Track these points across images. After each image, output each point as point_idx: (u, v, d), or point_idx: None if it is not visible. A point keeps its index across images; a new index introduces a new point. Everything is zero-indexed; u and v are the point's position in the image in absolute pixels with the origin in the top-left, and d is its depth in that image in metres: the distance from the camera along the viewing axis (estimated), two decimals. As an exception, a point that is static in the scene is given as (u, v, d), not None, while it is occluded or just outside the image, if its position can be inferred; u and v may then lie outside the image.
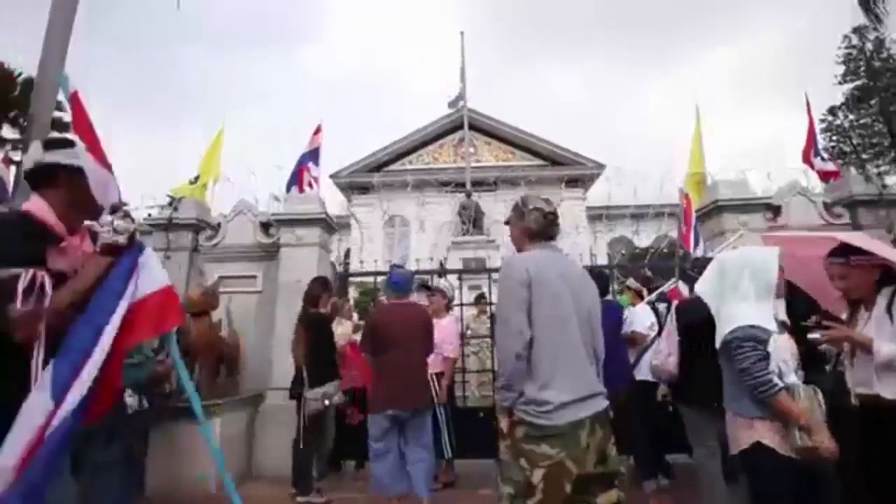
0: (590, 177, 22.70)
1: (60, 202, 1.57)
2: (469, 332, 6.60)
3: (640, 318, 4.03)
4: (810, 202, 4.86)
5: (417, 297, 4.02)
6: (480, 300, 7.20)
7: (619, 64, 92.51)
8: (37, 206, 1.54)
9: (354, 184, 23.25)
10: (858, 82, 23.84)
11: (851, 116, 24.71)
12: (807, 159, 5.42)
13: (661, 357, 2.98)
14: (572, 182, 22.69)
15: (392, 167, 23.44)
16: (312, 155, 5.54)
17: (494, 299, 2.51)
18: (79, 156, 1.63)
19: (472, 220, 15.41)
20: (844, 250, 2.20)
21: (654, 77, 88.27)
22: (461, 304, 5.34)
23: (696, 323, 2.94)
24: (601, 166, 22.13)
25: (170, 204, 4.97)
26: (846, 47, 23.41)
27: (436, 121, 22.76)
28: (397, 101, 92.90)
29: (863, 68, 23.68)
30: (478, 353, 6.65)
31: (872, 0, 11.25)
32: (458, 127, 21.31)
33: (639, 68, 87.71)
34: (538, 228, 1.99)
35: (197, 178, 5.55)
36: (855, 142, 24.64)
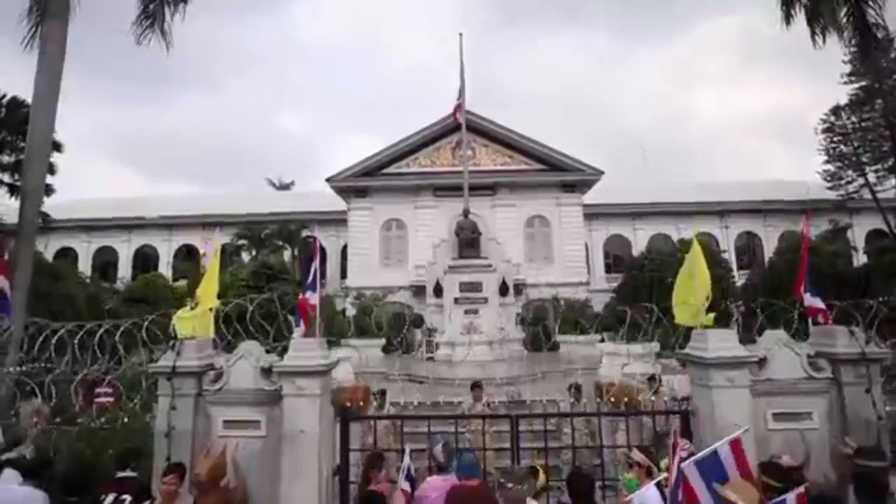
0: (588, 182, 22.60)
1: None
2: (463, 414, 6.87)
3: None
4: (795, 355, 5.01)
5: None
6: (475, 388, 7.42)
7: (620, 35, 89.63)
8: None
9: (352, 187, 23.11)
10: (864, 82, 23.33)
11: (854, 118, 24.34)
12: (797, 293, 5.53)
13: None
14: (569, 186, 22.63)
15: (389, 169, 23.24)
16: (311, 283, 5.59)
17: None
18: None
19: (469, 241, 15.41)
20: None
21: (653, 49, 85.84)
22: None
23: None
24: (599, 172, 22.02)
25: (171, 347, 5.06)
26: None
27: (434, 123, 22.40)
28: (391, 75, 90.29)
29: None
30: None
31: (868, 47, 11.06)
32: (456, 129, 20.98)
33: (637, 40, 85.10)
34: None
35: (196, 305, 5.60)
36: (856, 144, 24.39)
